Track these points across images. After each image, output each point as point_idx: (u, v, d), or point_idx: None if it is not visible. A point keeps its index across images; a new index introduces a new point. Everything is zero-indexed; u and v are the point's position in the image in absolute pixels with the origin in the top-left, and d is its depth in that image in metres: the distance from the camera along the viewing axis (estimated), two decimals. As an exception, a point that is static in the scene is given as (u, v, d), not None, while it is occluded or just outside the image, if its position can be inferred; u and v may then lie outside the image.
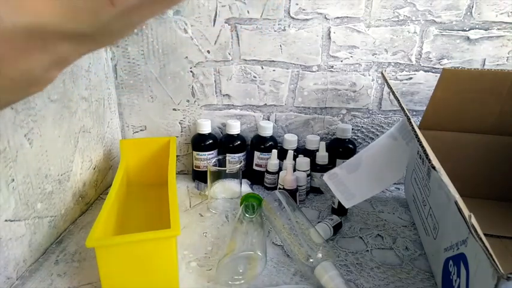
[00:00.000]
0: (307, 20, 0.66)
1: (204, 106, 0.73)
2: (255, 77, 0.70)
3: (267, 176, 0.69)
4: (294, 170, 0.65)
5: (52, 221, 0.52)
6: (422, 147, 0.39)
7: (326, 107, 0.72)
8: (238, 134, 0.70)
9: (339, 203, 0.57)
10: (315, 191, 0.69)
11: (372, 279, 0.46)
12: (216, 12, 0.66)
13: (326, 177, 0.57)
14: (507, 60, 0.65)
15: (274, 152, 0.67)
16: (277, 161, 0.67)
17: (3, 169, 0.41)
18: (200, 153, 0.70)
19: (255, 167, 0.71)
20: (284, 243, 0.50)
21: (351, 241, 0.54)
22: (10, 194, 0.43)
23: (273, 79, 0.70)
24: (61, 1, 0.15)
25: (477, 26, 0.64)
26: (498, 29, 0.64)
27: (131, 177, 0.67)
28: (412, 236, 0.56)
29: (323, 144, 0.67)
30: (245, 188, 0.68)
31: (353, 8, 0.65)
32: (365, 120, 0.72)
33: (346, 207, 0.55)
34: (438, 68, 0.67)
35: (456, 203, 0.33)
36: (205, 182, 0.64)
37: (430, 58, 0.67)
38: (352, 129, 0.72)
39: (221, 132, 0.74)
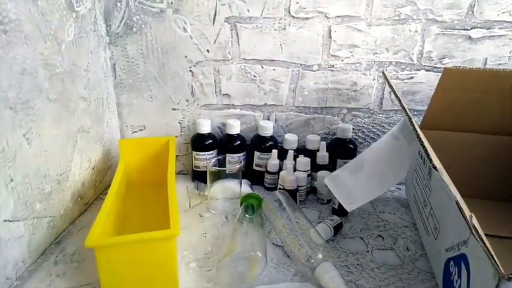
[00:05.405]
0: (307, 18, 0.65)
1: (204, 106, 0.72)
2: (255, 76, 0.70)
3: (267, 176, 0.69)
4: (294, 170, 0.65)
5: (51, 221, 0.52)
6: (424, 147, 0.39)
7: (326, 107, 0.71)
8: (238, 134, 0.70)
9: (340, 203, 0.56)
10: (315, 191, 0.68)
11: (372, 280, 0.45)
12: (215, 10, 0.65)
13: (327, 180, 0.57)
14: (509, 59, 0.65)
15: (274, 152, 0.67)
16: (277, 161, 0.67)
17: (2, 169, 0.41)
18: (200, 153, 0.69)
19: (255, 167, 0.71)
20: (284, 243, 0.50)
21: (351, 242, 0.54)
22: (9, 194, 0.42)
23: (273, 78, 0.70)
24: None
25: (479, 25, 0.64)
26: (500, 28, 0.63)
27: (130, 177, 0.67)
28: (413, 236, 0.55)
29: (323, 144, 0.66)
30: (245, 188, 0.67)
31: (354, 6, 0.64)
32: (366, 120, 0.72)
33: (348, 210, 0.55)
34: (439, 68, 0.67)
35: (457, 203, 0.33)
36: (205, 182, 0.64)
37: (431, 57, 0.66)
38: (353, 129, 0.71)
39: (221, 132, 0.74)
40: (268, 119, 0.73)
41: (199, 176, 0.71)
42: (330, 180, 0.57)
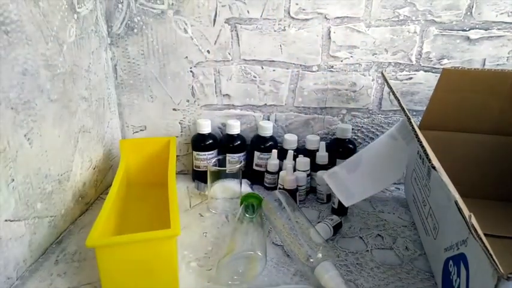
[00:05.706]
0: (307, 19, 0.66)
1: (204, 106, 0.73)
2: (255, 77, 0.70)
3: (267, 176, 0.69)
4: (294, 170, 0.65)
5: (52, 221, 0.52)
6: (423, 147, 0.39)
7: (326, 107, 0.72)
8: (238, 134, 0.70)
9: (339, 202, 0.57)
10: (314, 191, 0.69)
11: (371, 279, 0.46)
12: (216, 12, 0.66)
13: (326, 176, 0.57)
14: (507, 60, 0.65)
15: (274, 152, 0.67)
16: (277, 161, 0.67)
17: (3, 169, 0.41)
18: (200, 153, 0.70)
19: (255, 167, 0.71)
20: (284, 243, 0.50)
21: (351, 241, 0.54)
22: (10, 194, 0.43)
23: (273, 79, 0.70)
24: None
25: (477, 26, 0.64)
26: (498, 29, 0.64)
27: (131, 177, 0.67)
28: (412, 236, 0.56)
29: (323, 144, 0.67)
30: (245, 188, 0.68)
31: (353, 7, 0.64)
32: (365, 120, 0.72)
33: (346, 205, 0.55)
34: (438, 68, 0.67)
35: (456, 202, 0.33)
36: (205, 182, 0.64)
37: (430, 58, 0.67)
38: (352, 129, 0.72)
39: (221, 132, 0.74)
40: (268, 119, 0.73)
41: (199, 176, 0.71)
42: (329, 176, 0.57)
